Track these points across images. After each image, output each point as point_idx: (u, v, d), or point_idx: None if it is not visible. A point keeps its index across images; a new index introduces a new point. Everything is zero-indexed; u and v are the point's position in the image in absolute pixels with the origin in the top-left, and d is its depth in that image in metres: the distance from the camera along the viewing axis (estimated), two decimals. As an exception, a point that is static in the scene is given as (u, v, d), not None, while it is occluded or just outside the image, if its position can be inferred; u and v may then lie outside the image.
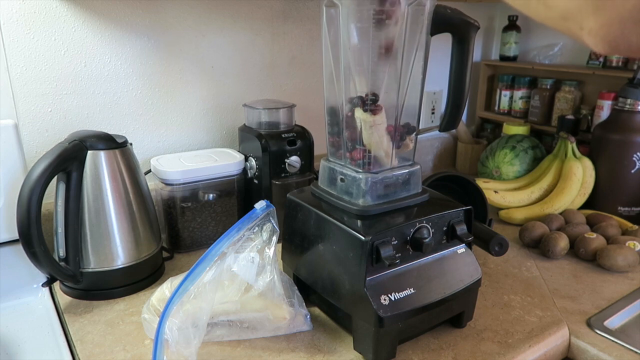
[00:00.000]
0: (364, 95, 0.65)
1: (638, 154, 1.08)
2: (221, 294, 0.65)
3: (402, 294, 0.62)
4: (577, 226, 0.99)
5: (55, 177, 0.71)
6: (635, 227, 1.01)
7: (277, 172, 0.94)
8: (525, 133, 1.35)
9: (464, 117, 1.57)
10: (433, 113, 1.48)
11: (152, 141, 1.01)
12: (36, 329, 0.69)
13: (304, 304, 0.70)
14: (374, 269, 0.61)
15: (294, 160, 0.94)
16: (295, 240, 0.73)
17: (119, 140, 0.78)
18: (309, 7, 1.13)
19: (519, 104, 1.46)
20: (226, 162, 0.94)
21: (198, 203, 0.92)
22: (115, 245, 0.76)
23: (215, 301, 0.63)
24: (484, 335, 0.69)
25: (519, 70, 1.48)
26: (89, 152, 0.74)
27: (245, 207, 0.99)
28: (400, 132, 0.68)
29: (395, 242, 0.62)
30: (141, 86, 0.97)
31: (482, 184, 1.16)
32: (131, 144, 0.81)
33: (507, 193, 1.15)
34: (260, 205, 0.67)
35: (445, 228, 0.67)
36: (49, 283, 0.75)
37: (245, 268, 0.66)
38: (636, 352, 0.66)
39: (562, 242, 0.93)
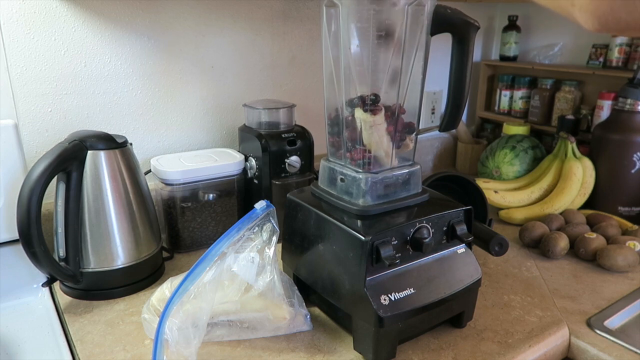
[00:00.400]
0: (364, 96, 0.65)
1: (638, 154, 1.08)
2: (221, 294, 0.65)
3: (402, 294, 0.62)
4: (577, 226, 0.99)
5: (55, 177, 0.71)
6: (635, 227, 1.01)
7: (277, 172, 0.94)
8: (525, 133, 1.35)
9: (464, 117, 1.57)
10: (433, 113, 1.48)
11: (152, 141, 1.01)
12: (36, 329, 0.69)
13: (304, 304, 0.70)
14: (374, 269, 0.61)
15: (294, 160, 0.94)
16: (295, 240, 0.73)
17: (119, 140, 0.78)
18: (309, 7, 1.13)
19: (519, 104, 1.46)
20: (226, 162, 0.94)
21: (198, 203, 0.92)
22: (115, 245, 0.76)
23: (215, 301, 0.63)
24: (484, 335, 0.69)
25: (519, 70, 1.48)
26: (89, 152, 0.74)
27: (245, 207, 0.99)
28: (400, 132, 0.68)
29: (395, 242, 0.62)
30: (141, 86, 0.97)
31: (482, 184, 1.16)
32: (131, 144, 0.81)
33: (507, 193, 1.15)
34: (260, 205, 0.66)
35: (445, 228, 0.67)
36: (49, 283, 0.75)
37: (245, 268, 0.66)
38: (636, 352, 0.66)
39: (562, 242, 0.93)
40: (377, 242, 0.60)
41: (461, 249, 0.69)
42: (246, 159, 0.97)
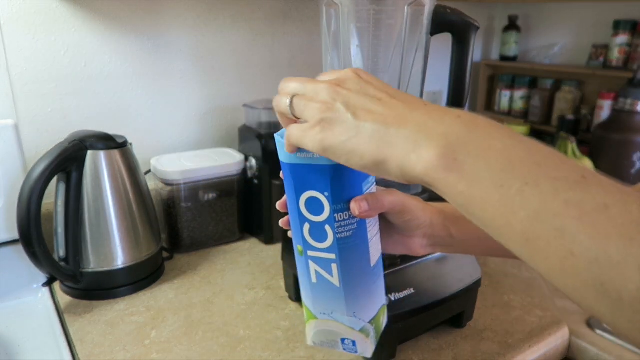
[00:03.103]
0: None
1: (638, 154, 1.08)
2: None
3: (402, 294, 0.62)
4: (577, 226, 0.99)
5: (55, 177, 0.71)
6: (635, 227, 1.00)
7: (277, 172, 0.93)
8: (526, 133, 1.36)
9: (464, 117, 1.57)
10: (433, 113, 1.48)
11: (152, 141, 1.01)
12: (36, 329, 0.69)
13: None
14: (374, 269, 0.61)
15: (294, 160, 0.94)
16: (295, 240, 0.73)
17: (119, 140, 0.78)
18: (309, 7, 1.13)
19: (519, 104, 1.46)
20: (226, 162, 0.94)
21: (198, 203, 0.92)
22: (115, 245, 0.76)
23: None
24: (484, 335, 0.69)
25: (519, 70, 1.48)
26: (89, 152, 0.74)
27: (245, 207, 0.99)
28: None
29: (395, 242, 0.62)
30: (141, 86, 0.97)
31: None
32: (131, 144, 0.81)
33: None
34: None
35: (445, 228, 0.67)
36: (49, 283, 0.75)
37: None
38: (636, 352, 0.66)
39: (562, 242, 0.93)
40: (377, 242, 0.60)
41: (461, 249, 0.69)
42: (246, 159, 0.97)
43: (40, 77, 0.87)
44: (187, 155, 0.97)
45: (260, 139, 0.92)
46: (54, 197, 0.75)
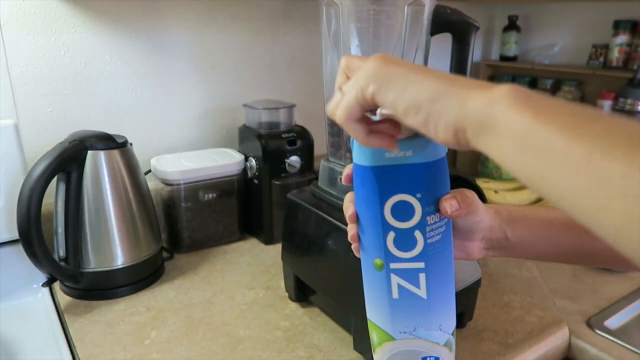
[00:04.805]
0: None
1: (638, 154, 1.08)
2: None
3: (402, 294, 0.62)
4: (577, 226, 0.99)
5: (55, 177, 0.71)
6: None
7: (277, 172, 0.94)
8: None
9: (464, 117, 1.57)
10: (433, 113, 1.48)
11: (152, 141, 1.01)
12: (36, 329, 0.69)
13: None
14: (374, 269, 0.61)
15: (294, 160, 0.94)
16: (296, 240, 0.73)
17: (119, 140, 0.78)
18: (309, 7, 1.13)
19: (519, 104, 1.46)
20: (226, 162, 0.94)
21: (198, 203, 0.92)
22: (115, 245, 0.76)
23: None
24: (484, 335, 0.69)
25: (519, 70, 1.48)
26: (89, 152, 0.74)
27: (245, 207, 0.99)
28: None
29: (395, 242, 0.62)
30: (141, 86, 0.97)
31: (482, 184, 1.16)
32: (131, 144, 0.81)
33: (507, 193, 1.15)
34: None
35: (445, 228, 0.67)
36: (49, 283, 0.75)
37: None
38: (636, 352, 0.66)
39: (562, 242, 0.92)
40: (377, 242, 0.60)
41: (461, 249, 0.69)
42: (246, 159, 0.97)
43: (40, 77, 0.87)
44: (187, 155, 0.97)
45: (260, 139, 0.92)
46: (54, 197, 0.75)
